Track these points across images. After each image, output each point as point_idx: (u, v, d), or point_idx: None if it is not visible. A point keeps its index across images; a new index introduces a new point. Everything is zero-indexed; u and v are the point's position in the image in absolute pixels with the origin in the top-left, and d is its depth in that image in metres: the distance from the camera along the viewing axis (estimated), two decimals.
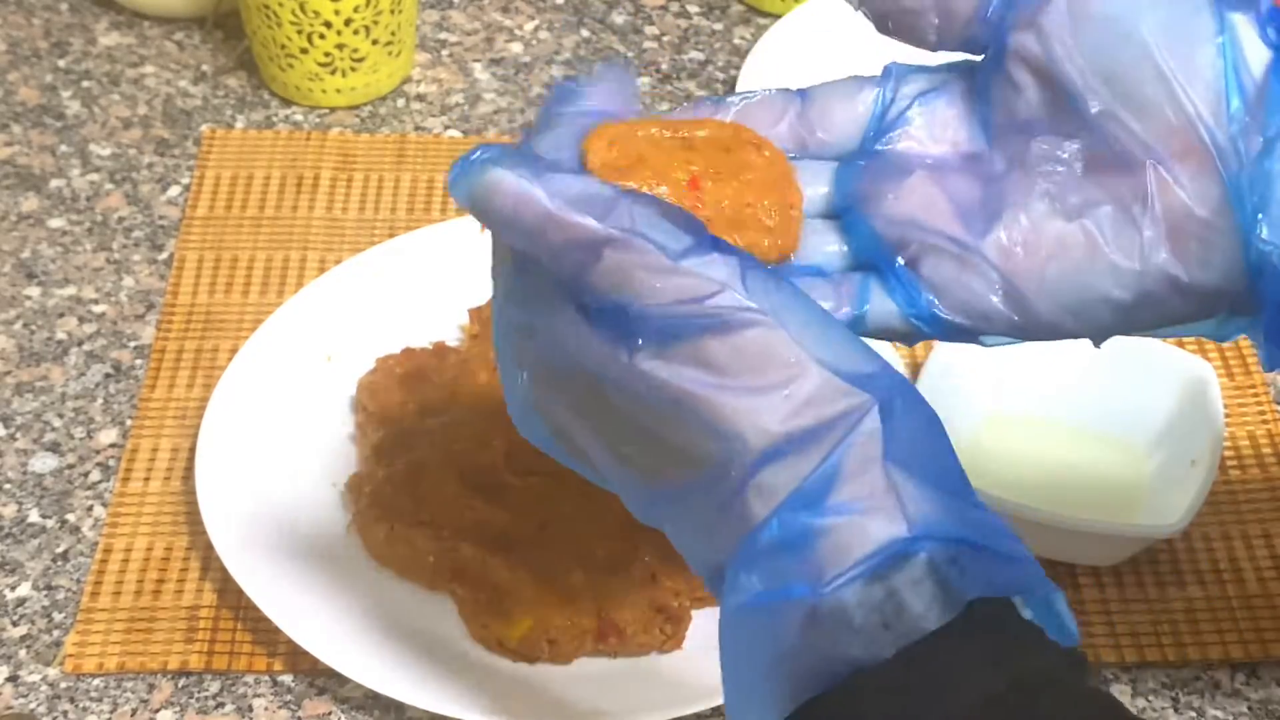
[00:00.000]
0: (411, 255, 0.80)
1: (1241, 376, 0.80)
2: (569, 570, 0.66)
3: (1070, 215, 0.44)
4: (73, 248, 0.85)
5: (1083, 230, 0.44)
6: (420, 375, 0.74)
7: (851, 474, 0.38)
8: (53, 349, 0.80)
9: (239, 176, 0.89)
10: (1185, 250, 0.43)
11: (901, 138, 0.46)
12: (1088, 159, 0.44)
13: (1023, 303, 0.45)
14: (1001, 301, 0.45)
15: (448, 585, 0.67)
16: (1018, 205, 0.45)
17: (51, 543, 0.71)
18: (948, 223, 0.45)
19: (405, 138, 0.92)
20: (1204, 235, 0.43)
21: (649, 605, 0.66)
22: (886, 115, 0.47)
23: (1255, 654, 0.68)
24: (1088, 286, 0.44)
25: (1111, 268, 0.44)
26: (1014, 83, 0.45)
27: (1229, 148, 0.43)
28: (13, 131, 0.92)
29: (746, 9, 1.03)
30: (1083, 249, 0.44)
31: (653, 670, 0.65)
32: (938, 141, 0.46)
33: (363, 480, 0.70)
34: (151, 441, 0.75)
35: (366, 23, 0.90)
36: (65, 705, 0.65)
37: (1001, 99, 0.46)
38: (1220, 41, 0.43)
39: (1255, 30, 0.43)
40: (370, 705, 0.65)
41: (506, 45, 1.00)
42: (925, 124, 0.46)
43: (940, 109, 0.47)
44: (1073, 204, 0.44)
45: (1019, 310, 0.45)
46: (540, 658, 0.65)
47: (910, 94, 0.47)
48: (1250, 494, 0.74)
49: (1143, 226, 0.44)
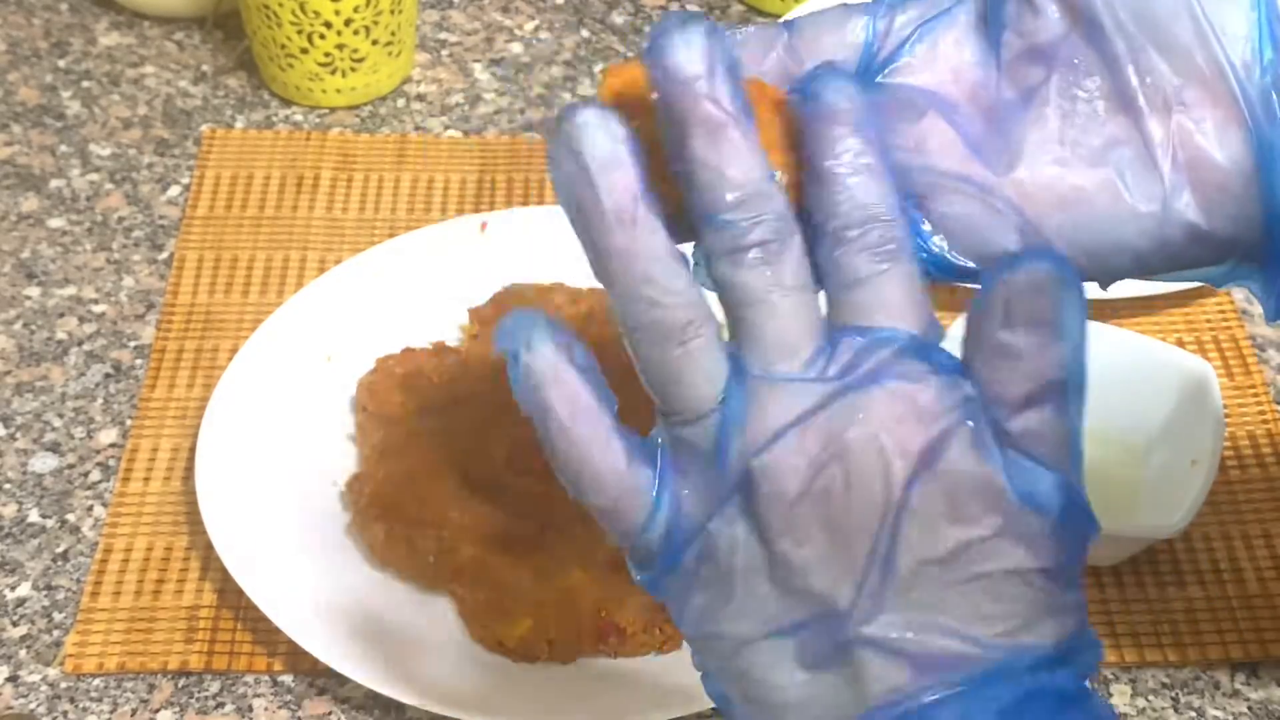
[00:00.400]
0: (411, 255, 0.80)
1: (1241, 376, 0.80)
2: (569, 570, 0.66)
3: (1093, 158, 0.43)
4: (73, 248, 0.85)
5: (1104, 174, 0.43)
6: (420, 375, 0.74)
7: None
8: (53, 349, 0.80)
9: (239, 176, 0.89)
10: (1206, 198, 0.42)
11: (904, 70, 0.44)
12: (1109, 97, 0.43)
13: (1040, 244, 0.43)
14: (1018, 242, 0.43)
15: (448, 585, 0.67)
16: (1037, 145, 0.43)
17: (51, 543, 0.71)
18: (963, 162, 0.43)
19: (405, 138, 0.92)
20: (1226, 184, 0.42)
21: (649, 605, 0.66)
22: (884, 45, 0.45)
23: (1255, 654, 0.68)
24: (1106, 231, 0.43)
25: (1132, 213, 0.43)
26: (1035, 6, 0.43)
27: (1258, 100, 0.42)
28: (13, 131, 0.92)
29: (746, 9, 1.03)
30: (1104, 193, 0.43)
31: (653, 670, 0.65)
32: (943, 70, 0.44)
33: (363, 480, 0.70)
34: (151, 441, 0.75)
35: (366, 23, 0.90)
36: (65, 705, 0.65)
37: (1018, 19, 0.43)
38: None
39: None
40: (370, 705, 0.65)
41: (506, 45, 1.00)
42: (928, 53, 0.44)
43: (946, 37, 0.44)
44: (1095, 145, 0.43)
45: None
46: (540, 658, 0.65)
47: (911, 21, 0.45)
48: (1250, 494, 0.74)
49: (1165, 172, 0.42)
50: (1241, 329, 0.82)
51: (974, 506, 0.38)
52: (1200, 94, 0.42)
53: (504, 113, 0.95)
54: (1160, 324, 0.82)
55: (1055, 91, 0.43)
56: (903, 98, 0.44)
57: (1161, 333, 0.81)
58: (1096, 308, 0.46)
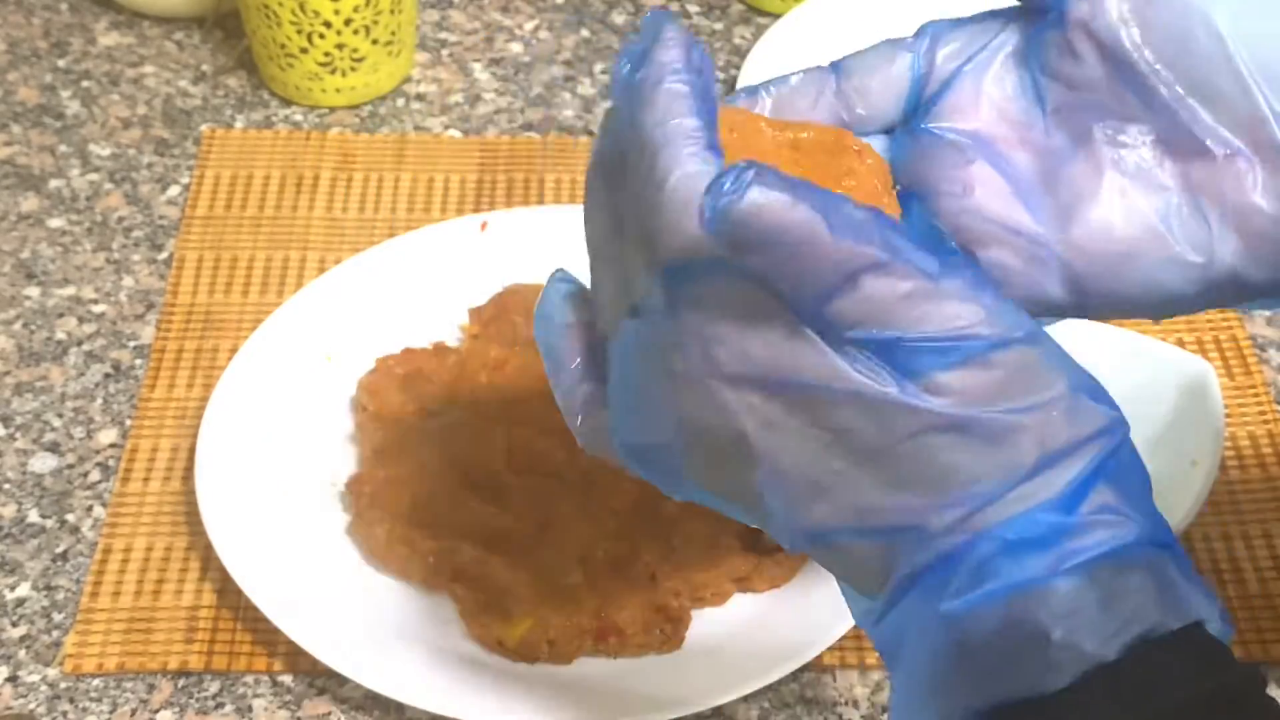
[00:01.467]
0: (411, 255, 0.80)
1: (1241, 376, 0.80)
2: (569, 570, 0.66)
3: (1140, 207, 0.43)
4: (72, 248, 0.85)
5: (1152, 223, 0.43)
6: (420, 375, 0.74)
7: (1097, 490, 0.38)
8: (52, 349, 0.80)
9: (239, 176, 0.89)
10: (1251, 247, 0.43)
11: (950, 112, 0.45)
12: (1155, 146, 0.43)
13: (1084, 292, 0.44)
14: (1063, 291, 0.44)
15: (448, 585, 0.67)
16: (1086, 193, 0.43)
17: (51, 543, 0.71)
18: (1011, 210, 0.44)
19: (405, 138, 0.92)
20: (1271, 233, 0.42)
21: (649, 605, 0.66)
22: (929, 82, 0.45)
23: (1255, 654, 0.68)
24: (1152, 279, 0.43)
25: (1179, 262, 0.43)
26: (1075, 52, 0.43)
27: None
28: (12, 131, 0.92)
29: (746, 9, 1.03)
30: (1152, 242, 0.43)
31: (653, 670, 0.65)
32: (989, 111, 0.44)
33: (363, 480, 0.70)
34: (151, 441, 0.75)
35: (366, 22, 0.90)
36: (65, 705, 0.65)
37: (1059, 67, 0.43)
38: None
39: None
40: (370, 705, 0.65)
41: (506, 45, 1.00)
42: (973, 93, 0.44)
43: (989, 75, 0.45)
44: (1142, 195, 0.43)
45: (1078, 297, 0.44)
46: (540, 658, 0.65)
47: (953, 56, 0.45)
48: (1250, 494, 0.74)
49: (1212, 221, 0.43)
50: (1241, 329, 0.82)
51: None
52: (1244, 143, 0.42)
53: (504, 113, 0.95)
54: (1160, 324, 0.82)
55: (1102, 139, 0.43)
56: (951, 142, 0.44)
57: (1161, 333, 0.81)
58: None
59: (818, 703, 0.66)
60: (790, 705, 0.66)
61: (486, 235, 0.81)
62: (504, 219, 0.82)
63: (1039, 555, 0.37)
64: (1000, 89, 0.44)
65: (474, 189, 0.89)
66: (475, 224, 0.82)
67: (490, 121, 0.94)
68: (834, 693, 0.66)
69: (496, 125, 0.94)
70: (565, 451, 0.70)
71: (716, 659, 0.65)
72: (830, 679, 0.67)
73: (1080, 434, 0.38)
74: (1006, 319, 0.38)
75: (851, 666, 0.67)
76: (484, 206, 0.88)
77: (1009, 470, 0.38)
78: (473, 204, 0.88)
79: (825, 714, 0.66)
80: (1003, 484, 0.38)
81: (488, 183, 0.89)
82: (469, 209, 0.87)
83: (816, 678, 0.67)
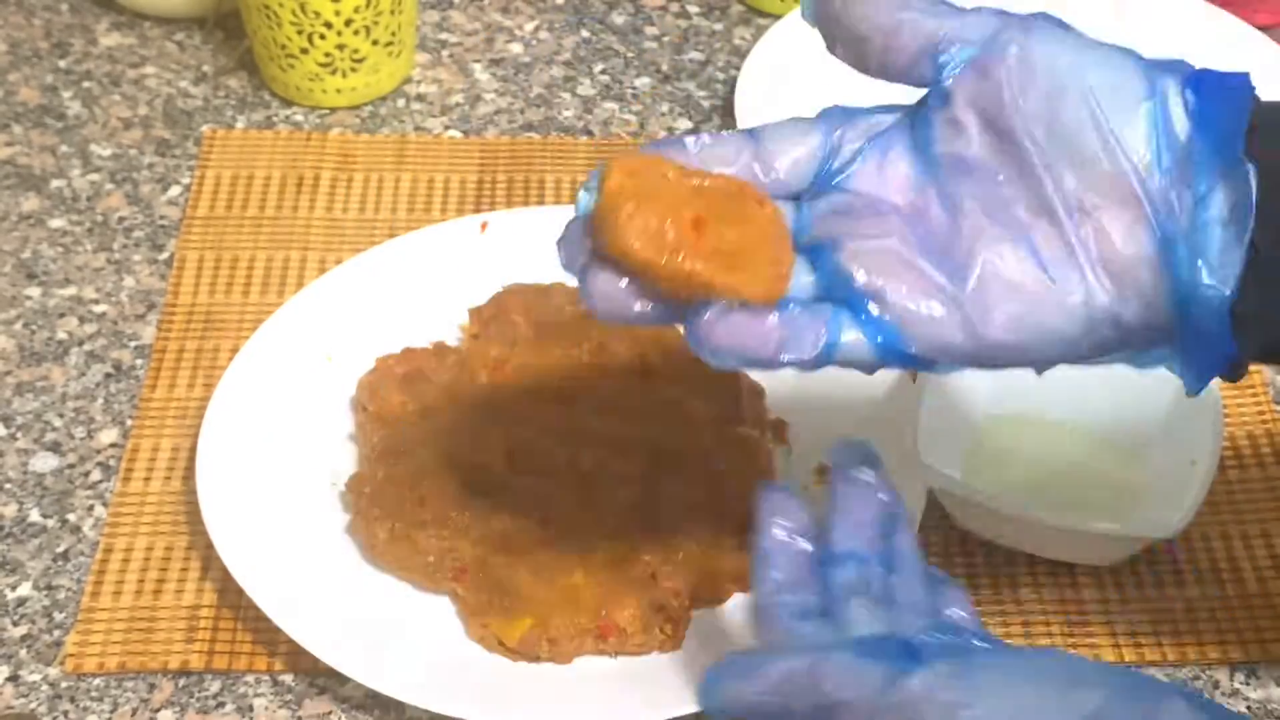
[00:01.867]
0: (411, 255, 0.80)
1: None
2: (569, 570, 0.66)
3: (1024, 259, 0.48)
4: (73, 248, 0.85)
5: (1035, 272, 0.48)
6: (420, 375, 0.74)
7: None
8: (53, 349, 0.80)
9: (239, 176, 0.89)
10: (1122, 289, 0.47)
11: (857, 178, 0.50)
12: (1032, 204, 0.48)
13: (982, 338, 0.48)
14: (963, 337, 0.48)
15: (448, 585, 0.67)
16: (977, 249, 0.48)
17: (52, 542, 0.71)
18: (913, 264, 0.48)
19: (405, 138, 0.92)
20: (1136, 275, 0.47)
21: (649, 605, 0.66)
22: (839, 155, 0.50)
23: (1255, 654, 0.68)
24: (1040, 324, 0.48)
25: (1061, 305, 0.48)
26: (957, 123, 0.49)
27: (1160, 199, 0.47)
28: (13, 131, 0.92)
29: (746, 9, 1.03)
30: (1037, 290, 0.48)
31: (653, 670, 0.65)
32: (890, 181, 0.50)
33: (363, 480, 0.70)
34: (152, 441, 0.75)
35: (366, 23, 0.90)
36: (65, 705, 0.65)
37: (945, 138, 0.49)
38: (1150, 105, 0.47)
39: (1180, 95, 0.47)
40: (370, 705, 0.66)
41: (506, 45, 1.00)
42: (877, 164, 0.50)
43: (890, 150, 0.50)
44: (1025, 248, 0.48)
45: (976, 344, 0.48)
46: (540, 657, 0.65)
47: (859, 134, 0.50)
48: (1250, 494, 0.74)
49: (1085, 269, 0.48)
50: None
51: None
52: (1109, 197, 0.47)
53: (504, 113, 0.95)
54: None
55: (988, 201, 0.48)
56: (862, 195, 0.49)
57: None
58: None
59: None
60: None
61: (486, 235, 0.81)
62: (504, 219, 0.82)
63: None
64: (896, 164, 0.50)
65: (474, 189, 0.89)
66: (475, 224, 0.82)
67: (490, 122, 0.94)
68: None
69: (496, 125, 0.94)
70: (565, 451, 0.70)
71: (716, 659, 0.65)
72: None
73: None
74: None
75: None
76: (484, 207, 0.88)
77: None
78: (473, 204, 0.88)
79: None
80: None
81: (488, 183, 0.89)
82: (469, 209, 0.87)
83: None
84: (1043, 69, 0.47)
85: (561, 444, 0.70)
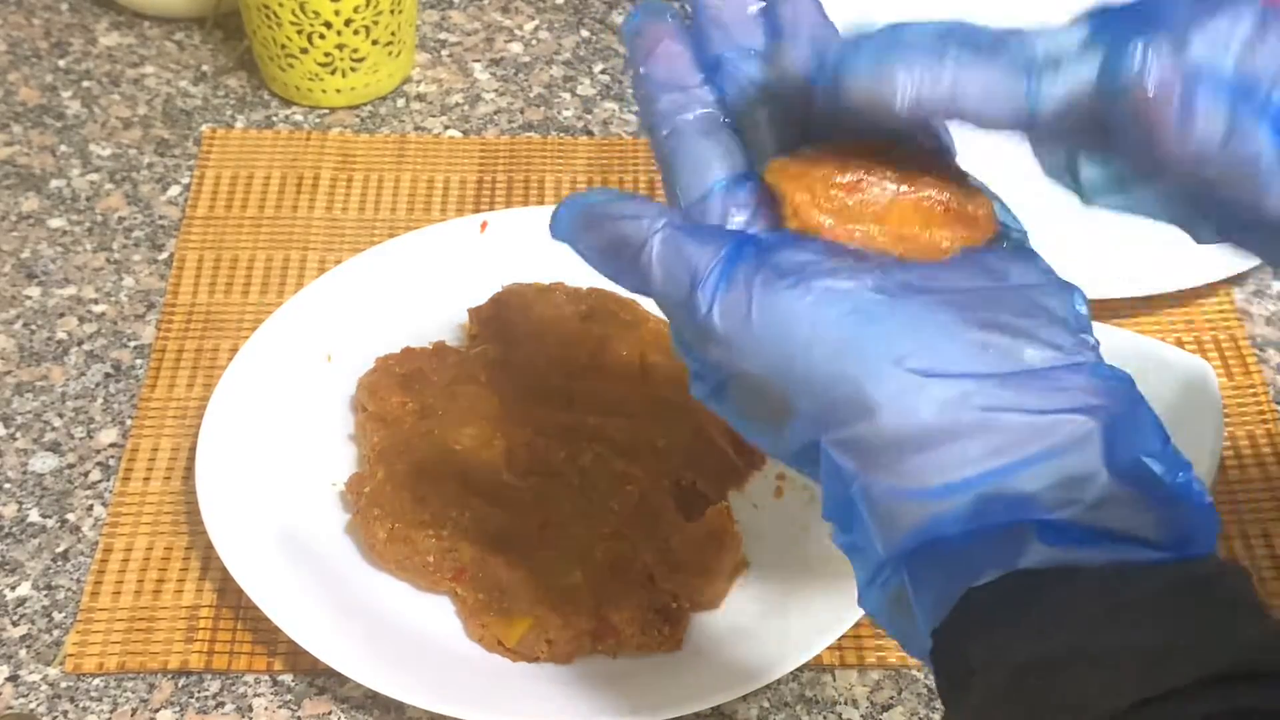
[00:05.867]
0: (411, 255, 0.80)
1: (1241, 376, 0.80)
2: (568, 570, 0.66)
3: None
4: (73, 248, 0.85)
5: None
6: (420, 375, 0.74)
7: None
8: (53, 349, 0.80)
9: (239, 176, 0.89)
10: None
11: None
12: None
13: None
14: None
15: (448, 585, 0.67)
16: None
17: (51, 542, 0.71)
18: None
19: (405, 138, 0.92)
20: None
21: (647, 606, 0.66)
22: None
23: None
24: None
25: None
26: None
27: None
28: (13, 131, 0.92)
29: None
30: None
31: (652, 670, 0.65)
32: None
33: (363, 480, 0.70)
34: (151, 441, 0.75)
35: (366, 23, 0.90)
36: (65, 705, 0.65)
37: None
38: None
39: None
40: (370, 705, 0.66)
41: (506, 45, 1.00)
42: None
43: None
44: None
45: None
46: (540, 658, 0.65)
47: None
48: (1250, 494, 0.74)
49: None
50: (1241, 329, 0.82)
51: None
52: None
53: (504, 113, 0.95)
54: (1160, 324, 0.82)
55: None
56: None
57: (1161, 333, 0.81)
58: (1096, 308, 0.46)
59: (817, 702, 0.66)
60: (790, 704, 0.66)
61: (486, 235, 0.81)
62: (504, 219, 0.82)
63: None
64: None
65: (474, 189, 0.89)
66: (475, 224, 0.82)
67: (490, 121, 0.94)
68: (833, 692, 0.66)
69: (496, 125, 0.94)
70: (565, 451, 0.70)
71: (716, 659, 0.65)
72: (830, 678, 0.67)
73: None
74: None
75: (851, 666, 0.67)
76: (484, 206, 0.88)
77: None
78: (473, 204, 0.88)
79: (825, 713, 0.66)
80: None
81: (488, 183, 0.89)
82: (469, 209, 0.87)
83: (816, 677, 0.67)
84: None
85: (561, 444, 0.70)
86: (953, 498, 0.39)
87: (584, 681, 0.65)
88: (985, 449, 0.39)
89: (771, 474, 0.73)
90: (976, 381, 0.40)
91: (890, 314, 0.41)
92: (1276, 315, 0.83)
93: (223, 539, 0.67)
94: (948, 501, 0.39)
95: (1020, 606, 0.38)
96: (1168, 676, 0.36)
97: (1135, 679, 0.36)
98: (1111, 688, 0.36)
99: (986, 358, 0.40)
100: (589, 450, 0.70)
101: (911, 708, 0.66)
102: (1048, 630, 0.37)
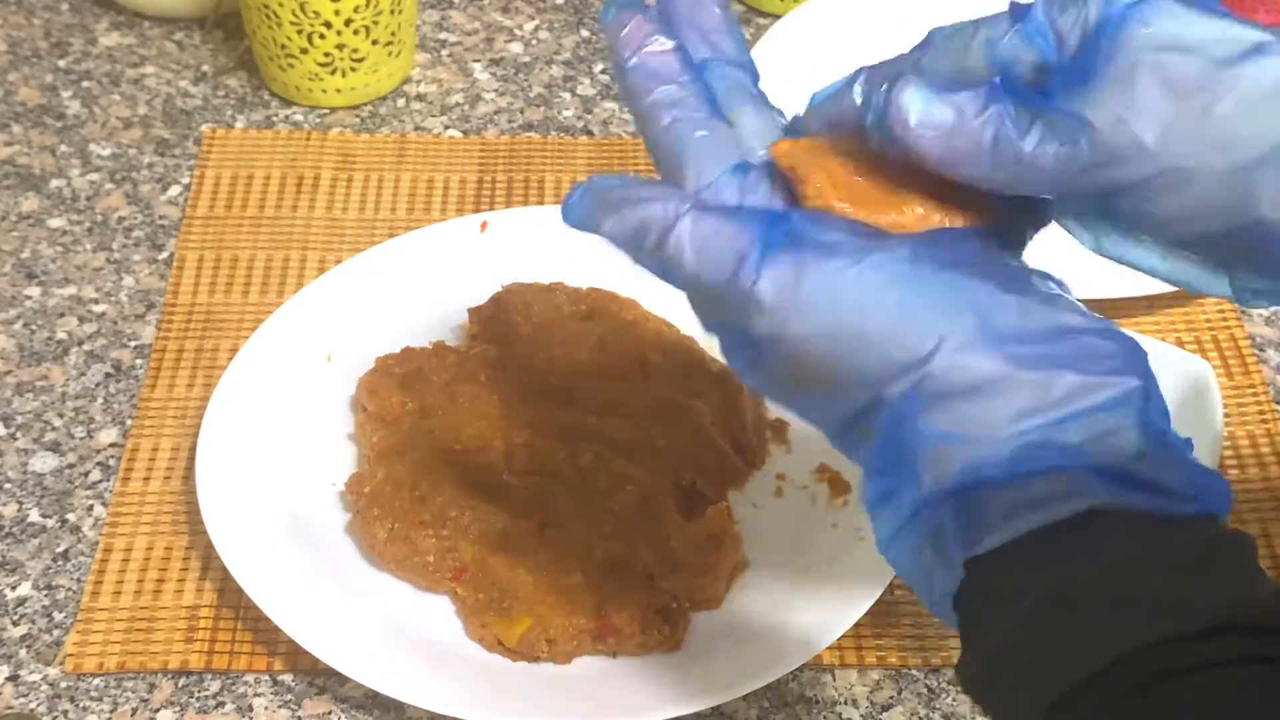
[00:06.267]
0: (411, 255, 0.80)
1: (1241, 376, 0.80)
2: (568, 570, 0.66)
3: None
4: (73, 247, 0.85)
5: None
6: (420, 375, 0.74)
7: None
8: (53, 349, 0.80)
9: (239, 176, 0.89)
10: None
11: None
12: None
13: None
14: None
15: (448, 585, 0.67)
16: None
17: (52, 542, 0.71)
18: None
19: (405, 138, 0.92)
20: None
21: (647, 606, 0.66)
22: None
23: None
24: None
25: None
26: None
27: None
28: (13, 131, 0.92)
29: (746, 9, 1.03)
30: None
31: (652, 670, 0.65)
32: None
33: (363, 480, 0.70)
34: (151, 441, 0.75)
35: (366, 23, 0.90)
36: (65, 705, 0.65)
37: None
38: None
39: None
40: (370, 705, 0.66)
41: (506, 45, 1.00)
42: None
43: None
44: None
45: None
46: (540, 657, 0.65)
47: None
48: (1250, 494, 0.74)
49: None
50: (1241, 329, 0.82)
51: None
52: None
53: (504, 113, 0.95)
54: (1160, 324, 0.82)
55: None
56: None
57: (1161, 333, 0.81)
58: (1097, 308, 0.46)
59: (817, 702, 0.66)
60: (790, 705, 0.66)
61: (486, 235, 0.81)
62: (504, 219, 0.82)
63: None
64: None
65: (474, 189, 0.89)
66: (475, 224, 0.82)
67: (490, 121, 0.94)
68: (834, 692, 0.66)
69: (496, 125, 0.94)
70: (565, 451, 0.70)
71: (716, 659, 0.65)
72: (830, 678, 0.67)
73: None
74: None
75: (851, 666, 0.67)
76: (484, 206, 0.88)
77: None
78: (473, 204, 0.88)
79: (825, 713, 0.66)
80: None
81: (488, 183, 0.89)
82: (469, 209, 0.87)
83: (816, 677, 0.67)
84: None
85: (561, 444, 0.70)
86: (1007, 444, 0.41)
87: (584, 681, 0.65)
88: (1040, 400, 0.41)
89: (771, 474, 0.73)
90: (1029, 339, 0.42)
91: (935, 279, 0.43)
92: (1276, 315, 0.83)
93: (223, 539, 0.67)
94: (1002, 447, 0.41)
95: (1062, 542, 0.40)
96: (1188, 621, 0.38)
97: (1160, 621, 0.39)
98: (1139, 624, 0.39)
99: (1029, 319, 0.42)
100: (589, 450, 0.70)
101: (911, 708, 0.66)
102: (1084, 564, 0.40)
